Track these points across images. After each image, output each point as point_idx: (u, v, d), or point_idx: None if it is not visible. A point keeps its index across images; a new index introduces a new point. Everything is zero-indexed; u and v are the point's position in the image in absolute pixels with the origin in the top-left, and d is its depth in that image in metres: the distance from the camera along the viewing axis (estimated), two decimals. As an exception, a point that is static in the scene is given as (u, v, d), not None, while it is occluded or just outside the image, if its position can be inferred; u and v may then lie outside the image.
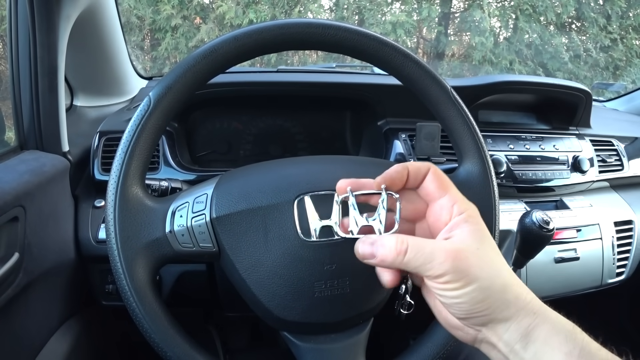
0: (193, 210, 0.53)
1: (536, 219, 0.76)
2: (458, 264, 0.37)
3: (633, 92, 1.65)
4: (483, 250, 0.39)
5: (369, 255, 0.41)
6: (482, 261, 0.38)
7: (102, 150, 0.90)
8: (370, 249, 0.41)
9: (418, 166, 0.43)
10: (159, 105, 0.51)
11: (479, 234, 0.40)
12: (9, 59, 0.77)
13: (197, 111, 1.07)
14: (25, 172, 0.72)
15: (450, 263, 0.37)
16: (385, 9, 5.63)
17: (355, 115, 1.15)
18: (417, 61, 0.55)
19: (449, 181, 0.43)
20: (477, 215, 0.41)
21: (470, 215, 0.41)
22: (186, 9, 4.96)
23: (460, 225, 0.40)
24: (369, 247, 0.41)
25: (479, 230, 0.40)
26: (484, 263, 0.38)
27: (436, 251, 0.38)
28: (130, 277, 0.50)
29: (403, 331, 1.20)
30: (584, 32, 5.71)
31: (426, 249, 0.38)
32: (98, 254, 0.83)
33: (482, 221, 0.41)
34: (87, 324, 0.91)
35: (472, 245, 0.39)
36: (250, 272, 0.52)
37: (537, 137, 1.13)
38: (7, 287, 0.65)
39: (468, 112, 0.57)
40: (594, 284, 1.10)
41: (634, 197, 1.21)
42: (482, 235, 0.40)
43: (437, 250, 0.38)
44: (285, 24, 0.52)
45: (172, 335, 0.51)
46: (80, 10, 0.87)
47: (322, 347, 0.55)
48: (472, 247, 0.38)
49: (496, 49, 5.41)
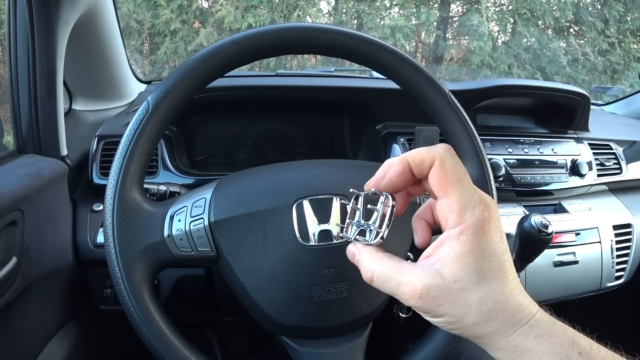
0: (191, 215, 0.53)
1: (535, 222, 0.76)
2: (422, 303, 0.35)
3: (631, 96, 1.65)
4: (462, 283, 0.35)
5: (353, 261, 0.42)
6: (455, 297, 0.35)
7: (101, 154, 0.90)
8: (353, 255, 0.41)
9: (421, 158, 0.38)
10: (157, 110, 0.51)
11: (467, 258, 0.35)
12: (7, 63, 0.77)
13: (196, 115, 1.07)
14: (24, 176, 0.72)
15: (414, 301, 0.36)
16: (383, 13, 5.64)
17: (354, 119, 1.15)
18: (415, 65, 0.55)
19: (454, 179, 0.36)
20: (477, 230, 0.35)
21: (464, 232, 0.35)
22: (185, 13, 4.97)
23: (449, 242, 0.35)
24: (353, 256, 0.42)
25: (467, 254, 0.35)
26: (456, 299, 0.35)
27: (402, 286, 0.36)
28: (128, 281, 0.50)
29: (402, 335, 1.20)
30: (582, 36, 5.73)
31: (392, 282, 0.37)
32: (96, 258, 0.83)
33: (483, 237, 0.35)
34: (85, 328, 0.90)
35: (449, 276, 0.35)
36: (248, 276, 0.52)
37: (535, 140, 1.13)
38: (5, 291, 0.65)
39: (466, 116, 0.57)
40: (593, 288, 1.10)
41: (633, 201, 1.21)
42: (470, 259, 0.35)
43: (402, 285, 0.36)
44: (284, 28, 0.52)
45: (170, 340, 0.50)
46: (79, 14, 0.87)
47: (320, 352, 0.55)
48: (449, 279, 0.35)
49: (495, 53, 5.42)
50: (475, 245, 0.35)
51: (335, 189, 0.53)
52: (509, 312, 0.35)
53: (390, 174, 0.39)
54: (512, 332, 0.34)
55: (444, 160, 0.37)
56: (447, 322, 0.36)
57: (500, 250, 0.36)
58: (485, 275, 0.35)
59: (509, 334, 0.34)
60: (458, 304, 0.35)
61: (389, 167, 0.39)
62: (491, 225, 0.36)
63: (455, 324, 0.35)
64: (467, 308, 0.35)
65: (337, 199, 0.53)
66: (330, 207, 0.52)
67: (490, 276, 0.35)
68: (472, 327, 0.35)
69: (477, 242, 0.35)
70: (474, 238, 0.35)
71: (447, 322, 0.36)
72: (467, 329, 0.35)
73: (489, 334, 0.35)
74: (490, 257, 0.35)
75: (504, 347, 0.35)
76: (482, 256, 0.35)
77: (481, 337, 0.35)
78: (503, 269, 0.36)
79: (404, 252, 0.56)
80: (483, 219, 0.35)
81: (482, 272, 0.35)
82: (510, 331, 0.34)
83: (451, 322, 0.36)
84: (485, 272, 0.35)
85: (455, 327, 0.36)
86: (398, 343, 1.21)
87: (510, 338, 0.34)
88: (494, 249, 0.36)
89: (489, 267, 0.35)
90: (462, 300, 0.35)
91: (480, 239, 0.35)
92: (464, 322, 0.35)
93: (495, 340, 0.35)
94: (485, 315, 0.35)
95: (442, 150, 0.37)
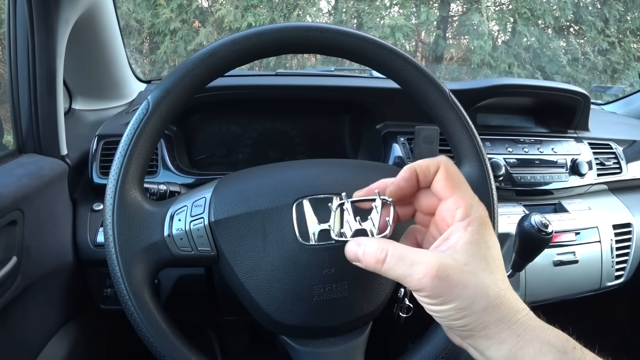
0: (191, 214, 0.53)
1: (535, 222, 0.76)
2: (437, 282, 0.35)
3: (631, 95, 1.65)
4: (472, 267, 0.36)
5: (354, 257, 0.41)
6: (467, 279, 0.36)
7: (101, 153, 0.90)
8: (356, 251, 0.41)
9: (427, 165, 0.41)
10: (157, 109, 0.51)
11: (474, 246, 0.37)
12: (7, 62, 0.77)
13: (196, 115, 1.07)
14: (24, 176, 0.72)
15: (429, 280, 0.35)
16: (383, 13, 5.64)
17: (354, 119, 1.15)
18: (415, 64, 0.55)
19: (459, 181, 0.40)
20: (482, 223, 0.38)
21: (471, 223, 0.38)
22: (185, 12, 4.97)
23: (458, 233, 0.38)
24: (355, 249, 0.41)
25: (475, 242, 0.37)
26: (468, 281, 0.36)
27: (416, 264, 0.36)
28: (128, 280, 0.50)
29: (402, 335, 1.20)
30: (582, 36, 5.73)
31: (406, 260, 0.37)
32: (96, 258, 0.83)
33: (486, 230, 0.38)
34: (85, 327, 0.90)
35: (460, 259, 0.36)
36: (248, 276, 0.52)
37: (535, 140, 1.13)
38: (5, 290, 0.65)
39: (466, 116, 0.57)
40: (593, 287, 1.10)
41: (633, 200, 1.21)
42: (477, 247, 0.37)
43: (417, 264, 0.36)
44: (284, 27, 0.52)
45: (170, 340, 0.50)
46: (79, 13, 0.87)
47: (320, 351, 0.55)
48: (460, 262, 0.36)
49: (495, 53, 5.42)
50: (481, 235, 0.38)
51: (335, 188, 0.53)
52: (511, 301, 0.36)
53: (398, 178, 0.42)
54: (515, 320, 0.36)
55: (448, 165, 0.41)
56: (457, 309, 0.36)
57: (498, 246, 0.39)
58: (490, 264, 0.37)
59: (512, 322, 0.36)
60: (469, 287, 0.36)
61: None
62: (490, 223, 0.39)
63: (466, 309, 0.36)
64: (478, 291, 0.36)
65: (337, 198, 0.53)
66: (330, 206, 0.52)
67: (493, 266, 0.37)
68: (481, 313, 0.36)
69: (482, 233, 0.38)
70: (480, 229, 0.38)
71: (457, 309, 0.36)
72: (476, 315, 0.36)
73: (494, 322, 0.36)
74: (492, 249, 0.38)
75: (506, 338, 0.35)
76: (487, 246, 0.38)
77: (487, 328, 0.36)
78: (501, 264, 0.39)
79: None
80: (485, 215, 0.39)
81: (487, 260, 0.37)
82: (513, 319, 0.36)
83: (462, 307, 0.36)
84: (489, 260, 0.37)
85: (465, 315, 0.36)
86: (398, 342, 1.21)
87: (514, 327, 0.35)
88: (494, 243, 0.39)
89: (492, 257, 0.38)
90: (473, 283, 0.36)
91: (485, 231, 0.38)
92: (474, 307, 0.36)
93: (500, 331, 0.35)
94: (493, 300, 0.36)
95: (445, 158, 0.42)
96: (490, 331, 0.36)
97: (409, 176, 0.42)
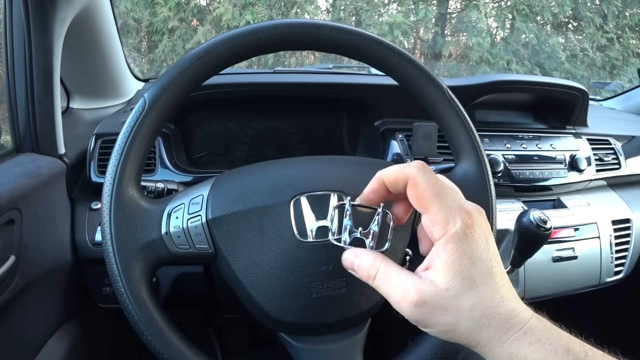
0: (189, 212, 0.53)
1: (534, 218, 0.76)
2: (414, 308, 0.36)
3: (630, 91, 1.65)
4: (453, 290, 0.35)
5: (350, 267, 0.42)
6: (447, 304, 0.35)
7: (99, 152, 0.90)
8: (352, 261, 0.42)
9: (395, 178, 0.40)
10: (153, 107, 0.51)
11: (455, 265, 0.35)
12: (4, 61, 0.77)
13: (194, 113, 1.07)
14: (21, 175, 0.72)
15: (406, 305, 0.36)
16: (382, 10, 5.64)
17: (352, 116, 1.15)
18: (412, 61, 0.55)
19: (431, 194, 0.37)
20: (460, 238, 0.36)
21: (449, 241, 0.36)
22: (183, 11, 4.96)
23: (438, 253, 0.36)
24: (352, 259, 0.42)
25: (455, 261, 0.35)
26: (448, 306, 0.35)
27: (396, 288, 0.37)
28: (126, 279, 0.50)
29: (401, 331, 1.20)
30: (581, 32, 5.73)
31: (389, 282, 0.38)
32: (95, 257, 0.83)
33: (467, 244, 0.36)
34: (84, 326, 0.90)
35: (441, 284, 0.35)
36: (246, 273, 0.52)
37: (534, 136, 1.13)
38: (3, 290, 0.65)
39: (464, 112, 0.57)
40: (592, 283, 1.10)
41: (632, 196, 1.21)
42: (459, 266, 0.35)
43: (397, 288, 0.37)
44: (280, 24, 0.52)
45: (169, 338, 0.50)
46: (76, 12, 0.86)
47: (319, 348, 0.55)
48: (441, 286, 0.35)
49: (493, 49, 5.42)
50: (461, 252, 0.36)
51: (332, 185, 0.53)
52: (501, 318, 0.35)
53: (366, 190, 0.42)
54: (506, 338, 0.35)
55: (416, 179, 0.38)
56: (442, 331, 0.36)
57: (487, 256, 0.37)
58: (475, 281, 0.35)
59: (503, 341, 0.35)
60: (450, 311, 0.35)
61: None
62: (475, 232, 0.36)
63: (451, 332, 0.36)
64: (460, 315, 0.35)
65: (335, 195, 0.53)
66: (327, 203, 0.52)
67: (479, 282, 0.36)
68: (467, 334, 0.36)
69: (463, 249, 0.36)
70: (459, 246, 0.36)
71: (442, 331, 0.36)
72: (462, 336, 0.36)
73: (484, 341, 0.35)
74: (477, 263, 0.36)
75: (499, 354, 0.35)
76: (469, 263, 0.36)
77: (478, 345, 0.36)
78: (492, 274, 0.36)
79: (402, 247, 0.56)
80: (466, 226, 0.36)
81: (471, 279, 0.35)
82: (504, 337, 0.35)
83: (446, 330, 0.36)
84: (474, 278, 0.35)
85: (451, 336, 0.36)
86: (397, 339, 1.21)
87: (505, 345, 0.35)
88: (480, 255, 0.36)
89: (477, 273, 0.36)
90: (454, 307, 0.35)
91: (465, 247, 0.36)
92: (458, 329, 0.36)
93: (491, 348, 0.35)
94: (478, 322, 0.35)
95: (414, 168, 0.38)
96: (481, 347, 0.36)
97: (377, 188, 0.42)
